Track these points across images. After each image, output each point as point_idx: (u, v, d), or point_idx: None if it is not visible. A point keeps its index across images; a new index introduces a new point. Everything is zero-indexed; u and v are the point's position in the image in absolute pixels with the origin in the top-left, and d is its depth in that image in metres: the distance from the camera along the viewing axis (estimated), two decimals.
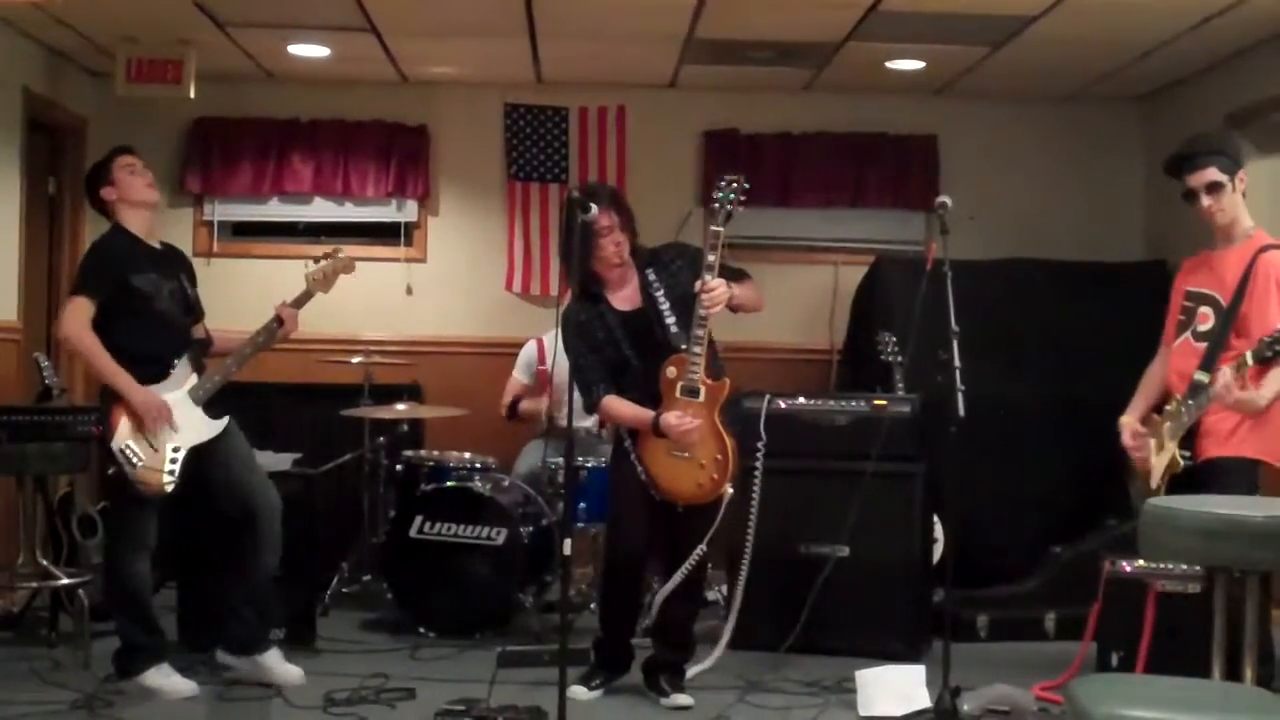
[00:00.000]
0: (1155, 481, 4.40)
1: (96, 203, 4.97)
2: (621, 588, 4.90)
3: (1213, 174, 4.35)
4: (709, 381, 4.66)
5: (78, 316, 4.72)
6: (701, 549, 4.73)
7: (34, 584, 5.52)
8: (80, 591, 5.34)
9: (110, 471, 4.74)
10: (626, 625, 4.96)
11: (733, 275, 4.76)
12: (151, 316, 4.80)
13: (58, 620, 5.52)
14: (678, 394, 4.67)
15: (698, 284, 4.59)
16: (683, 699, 4.80)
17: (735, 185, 4.64)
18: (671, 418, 4.64)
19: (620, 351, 4.77)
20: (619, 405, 4.77)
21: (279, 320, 4.97)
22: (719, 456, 4.68)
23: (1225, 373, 4.07)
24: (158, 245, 4.97)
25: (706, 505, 4.72)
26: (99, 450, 4.91)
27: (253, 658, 4.94)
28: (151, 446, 4.73)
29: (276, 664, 4.96)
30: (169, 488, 4.74)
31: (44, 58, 6.88)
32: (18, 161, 6.57)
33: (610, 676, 4.92)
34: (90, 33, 6.57)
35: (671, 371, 4.69)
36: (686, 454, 4.68)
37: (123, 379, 4.70)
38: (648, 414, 4.70)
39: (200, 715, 4.70)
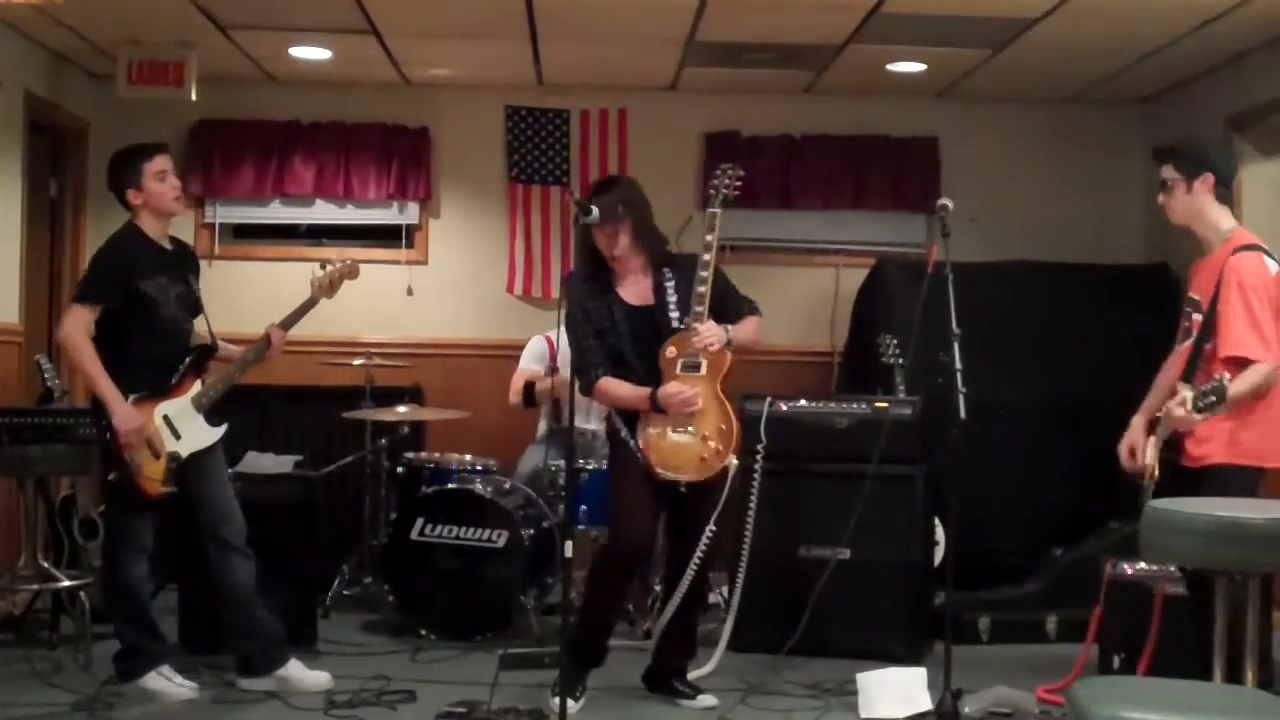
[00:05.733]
0: (1147, 480, 4.39)
1: (117, 195, 4.85)
2: (621, 576, 4.79)
3: (1165, 172, 4.36)
4: (711, 353, 4.65)
5: (76, 322, 4.71)
6: (712, 529, 4.67)
7: (35, 586, 5.51)
8: (81, 594, 5.34)
9: (111, 476, 4.73)
10: (613, 617, 4.90)
11: (739, 304, 4.82)
12: (158, 323, 4.78)
13: (59, 622, 5.52)
14: (678, 370, 4.65)
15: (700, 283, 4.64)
16: (708, 699, 4.80)
17: (730, 172, 4.93)
18: (671, 387, 4.60)
19: (621, 344, 4.74)
20: (615, 385, 4.70)
21: (267, 340, 4.96)
22: (723, 426, 4.64)
23: (1172, 406, 4.04)
24: (168, 245, 4.92)
25: (711, 482, 4.67)
26: (100, 454, 4.89)
27: (274, 674, 4.89)
28: (153, 453, 4.73)
29: (301, 674, 4.91)
30: (166, 492, 4.73)
31: (45, 60, 6.88)
32: (19, 164, 6.56)
33: (586, 675, 4.79)
34: (91, 35, 6.57)
35: (671, 351, 4.67)
36: (689, 429, 4.64)
37: (109, 391, 4.65)
38: (645, 390, 4.65)
39: (200, 717, 4.69)
